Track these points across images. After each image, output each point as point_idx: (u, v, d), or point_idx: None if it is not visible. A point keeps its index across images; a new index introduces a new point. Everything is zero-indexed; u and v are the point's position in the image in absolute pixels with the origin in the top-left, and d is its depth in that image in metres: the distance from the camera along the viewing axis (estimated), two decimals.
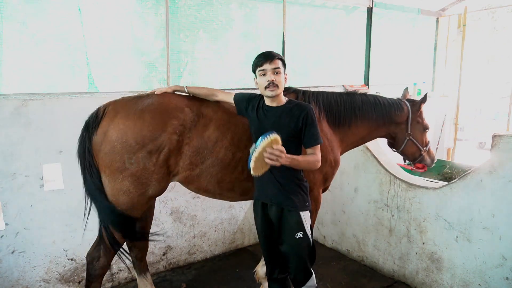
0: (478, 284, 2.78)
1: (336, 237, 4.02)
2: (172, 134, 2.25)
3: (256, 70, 2.14)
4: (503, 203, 2.59)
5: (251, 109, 2.26)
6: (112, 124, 2.23)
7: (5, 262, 2.82)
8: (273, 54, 2.12)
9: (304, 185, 2.23)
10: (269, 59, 2.09)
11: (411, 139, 2.97)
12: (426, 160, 3.12)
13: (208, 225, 3.81)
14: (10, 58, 2.97)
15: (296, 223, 2.17)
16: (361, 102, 2.79)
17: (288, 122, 2.13)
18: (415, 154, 3.07)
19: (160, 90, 2.43)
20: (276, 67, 2.10)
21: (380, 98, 2.89)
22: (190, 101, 2.43)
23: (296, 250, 2.19)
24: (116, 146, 2.20)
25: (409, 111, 2.93)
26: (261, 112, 2.21)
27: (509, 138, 2.53)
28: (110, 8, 3.40)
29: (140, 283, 2.88)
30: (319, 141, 2.16)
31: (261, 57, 2.12)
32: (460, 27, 6.10)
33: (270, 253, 2.34)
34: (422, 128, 3.03)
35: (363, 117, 2.78)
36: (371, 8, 5.18)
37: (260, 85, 2.15)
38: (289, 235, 2.18)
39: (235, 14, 4.27)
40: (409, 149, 3.02)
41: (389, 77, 5.80)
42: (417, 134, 3.00)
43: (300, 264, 2.22)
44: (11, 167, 2.75)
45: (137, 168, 2.22)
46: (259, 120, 2.20)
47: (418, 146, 3.01)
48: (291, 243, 2.18)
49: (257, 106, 2.24)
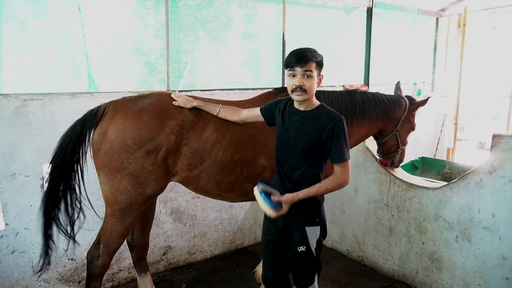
0: (478, 284, 2.78)
1: (336, 237, 4.02)
2: (170, 134, 2.26)
3: (286, 69, 1.99)
4: (503, 203, 2.59)
5: (278, 111, 2.16)
6: (111, 123, 2.24)
7: (5, 262, 2.82)
8: (307, 56, 1.92)
9: (316, 199, 2.07)
10: (301, 62, 1.91)
11: (396, 134, 2.99)
12: (395, 159, 3.18)
13: (208, 225, 3.81)
14: (10, 58, 2.97)
15: (300, 237, 2.08)
16: (362, 100, 2.79)
17: (311, 130, 1.98)
18: (391, 149, 3.11)
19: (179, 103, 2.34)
20: (307, 70, 1.92)
21: (379, 96, 2.89)
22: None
23: (297, 261, 2.14)
24: (115, 145, 2.21)
25: (406, 108, 2.95)
26: (286, 114, 2.10)
27: (509, 138, 2.53)
28: (110, 8, 3.40)
29: (140, 283, 2.88)
30: (345, 158, 1.97)
31: (293, 57, 1.93)
32: (460, 27, 6.10)
33: (269, 257, 2.25)
34: (410, 128, 3.05)
35: (364, 115, 2.79)
36: (371, 8, 5.18)
37: (288, 86, 2.00)
38: (292, 246, 2.14)
39: (235, 14, 4.27)
40: (390, 143, 3.06)
41: (389, 77, 5.79)
42: (403, 132, 3.03)
43: (300, 273, 2.16)
44: (11, 167, 2.75)
45: (135, 168, 2.22)
46: (283, 122, 2.10)
47: (398, 143, 3.04)
48: (293, 256, 2.14)
49: (284, 107, 2.13)
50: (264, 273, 2.31)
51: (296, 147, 2.03)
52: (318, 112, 2.02)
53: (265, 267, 2.31)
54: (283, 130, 2.10)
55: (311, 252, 2.09)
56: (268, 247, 2.25)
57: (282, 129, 2.12)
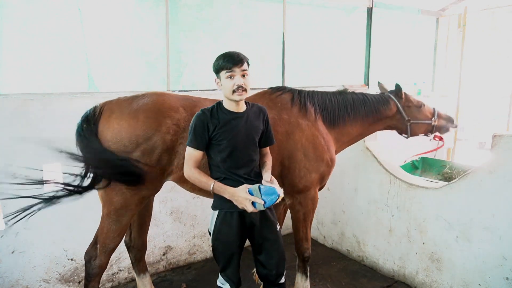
0: (478, 284, 2.78)
1: (336, 237, 4.02)
2: (166, 133, 2.26)
3: (221, 72, 1.99)
4: (503, 203, 2.59)
5: (212, 125, 2.03)
6: (107, 124, 2.24)
7: (5, 262, 2.82)
8: (241, 57, 1.99)
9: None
10: (238, 63, 1.96)
11: (412, 122, 3.02)
12: (442, 125, 3.15)
13: (208, 225, 3.80)
14: (10, 58, 2.97)
15: (273, 217, 2.20)
16: (352, 100, 2.86)
17: (258, 124, 2.15)
18: (427, 129, 3.13)
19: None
20: (244, 69, 1.98)
21: (368, 95, 2.95)
22: (184, 101, 2.44)
23: (278, 243, 2.19)
24: (111, 146, 2.21)
25: (396, 102, 2.97)
26: (231, 120, 2.05)
27: (509, 138, 2.53)
28: (110, 8, 3.40)
29: (139, 283, 2.88)
30: (274, 141, 2.28)
31: (229, 59, 1.97)
32: (460, 27, 6.10)
33: (237, 264, 2.20)
34: (417, 108, 3.06)
35: (355, 115, 2.85)
36: (371, 8, 5.17)
37: (226, 89, 1.99)
38: (270, 230, 2.17)
39: (235, 14, 4.27)
40: (417, 130, 3.09)
41: (389, 77, 5.79)
42: (415, 115, 3.04)
43: (282, 255, 2.21)
44: (11, 167, 2.75)
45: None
46: (232, 128, 2.04)
47: (424, 123, 3.06)
48: (272, 237, 2.17)
49: (213, 118, 2.04)
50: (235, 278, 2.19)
51: (250, 145, 2.13)
52: (252, 108, 2.17)
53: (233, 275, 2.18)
54: (238, 134, 2.05)
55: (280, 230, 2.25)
56: (238, 252, 2.17)
57: (235, 133, 2.05)
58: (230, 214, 2.10)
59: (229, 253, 2.14)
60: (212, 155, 2.10)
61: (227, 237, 2.12)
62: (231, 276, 2.16)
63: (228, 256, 2.14)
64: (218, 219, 2.13)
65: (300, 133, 2.60)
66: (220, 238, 2.13)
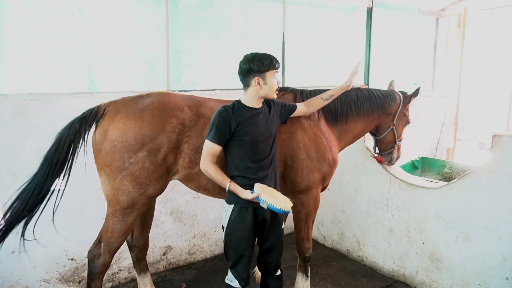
0: (478, 284, 2.78)
1: (336, 237, 4.02)
2: (172, 133, 2.27)
3: (269, 72, 2.17)
4: (503, 203, 2.59)
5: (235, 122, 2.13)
6: (113, 123, 2.25)
7: (5, 262, 2.82)
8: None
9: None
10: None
11: (393, 129, 2.99)
12: (393, 155, 3.15)
13: (208, 225, 3.81)
14: (10, 58, 2.97)
15: (281, 216, 2.32)
16: (356, 96, 2.82)
17: (274, 115, 2.32)
18: (388, 145, 3.10)
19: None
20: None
21: (373, 91, 2.91)
22: (189, 101, 2.44)
23: (281, 239, 2.36)
24: (117, 145, 2.21)
25: (401, 101, 2.95)
26: (253, 116, 2.20)
27: (509, 138, 2.53)
28: (110, 8, 3.40)
29: (140, 283, 2.88)
30: (293, 104, 2.54)
31: (276, 60, 2.20)
32: (460, 27, 6.10)
33: (248, 261, 2.26)
34: (406, 122, 3.05)
35: (359, 111, 2.81)
36: (371, 8, 5.18)
37: (271, 87, 2.20)
38: (277, 227, 2.33)
39: (235, 14, 4.27)
40: (388, 138, 3.05)
41: (389, 77, 5.79)
42: (400, 126, 3.03)
43: (281, 249, 2.39)
44: (11, 167, 2.75)
45: (136, 168, 2.22)
46: (253, 123, 2.18)
47: (395, 138, 3.03)
48: (278, 234, 2.34)
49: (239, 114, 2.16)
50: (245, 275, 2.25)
51: (268, 136, 2.25)
52: (265, 102, 2.32)
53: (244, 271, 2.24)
54: (258, 132, 2.19)
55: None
56: (249, 248, 2.24)
57: (255, 132, 2.17)
58: (245, 209, 2.19)
59: (241, 249, 2.21)
60: (232, 150, 2.19)
61: (240, 232, 2.19)
62: (241, 273, 2.23)
63: (239, 252, 2.21)
64: (232, 214, 2.21)
65: (302, 133, 2.60)
66: (233, 233, 2.21)
